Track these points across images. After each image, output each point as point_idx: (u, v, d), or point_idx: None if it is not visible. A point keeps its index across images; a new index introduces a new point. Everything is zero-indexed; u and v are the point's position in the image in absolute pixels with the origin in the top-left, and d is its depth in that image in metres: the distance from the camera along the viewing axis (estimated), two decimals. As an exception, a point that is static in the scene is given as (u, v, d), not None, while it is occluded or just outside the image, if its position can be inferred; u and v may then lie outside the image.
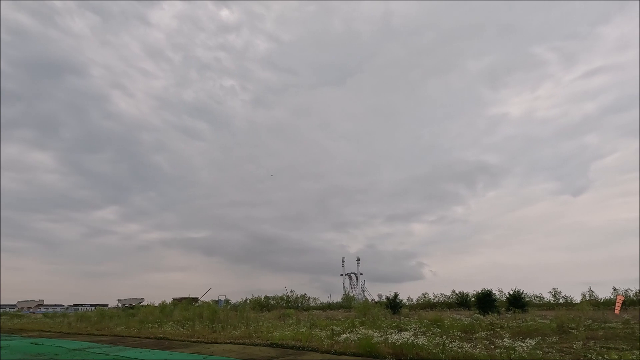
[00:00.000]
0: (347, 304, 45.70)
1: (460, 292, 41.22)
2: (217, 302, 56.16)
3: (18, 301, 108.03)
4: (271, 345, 15.25)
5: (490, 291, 31.16)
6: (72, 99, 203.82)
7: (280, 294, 50.80)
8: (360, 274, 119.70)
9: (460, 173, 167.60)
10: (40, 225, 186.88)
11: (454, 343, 12.26)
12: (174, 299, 55.00)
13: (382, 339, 13.46)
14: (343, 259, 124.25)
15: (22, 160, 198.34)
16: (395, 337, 13.22)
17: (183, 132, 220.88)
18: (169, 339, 19.29)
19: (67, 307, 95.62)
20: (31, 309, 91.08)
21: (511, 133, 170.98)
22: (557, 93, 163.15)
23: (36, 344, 19.12)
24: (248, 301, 49.05)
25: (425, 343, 12.15)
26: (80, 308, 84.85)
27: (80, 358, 13.33)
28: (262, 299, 49.03)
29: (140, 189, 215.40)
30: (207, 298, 68.58)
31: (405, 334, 13.47)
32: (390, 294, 36.36)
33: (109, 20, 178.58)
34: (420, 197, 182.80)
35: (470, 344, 12.20)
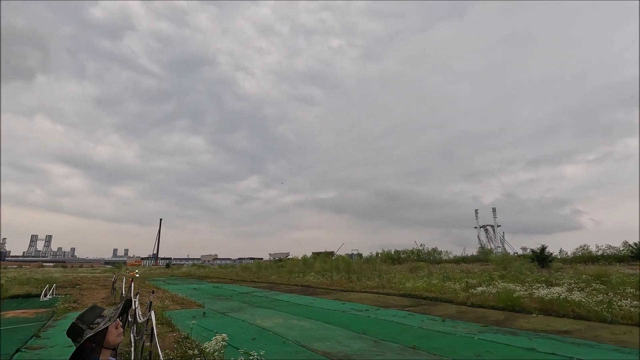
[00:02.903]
0: (483, 257, 42.79)
1: (635, 243, 33.73)
2: (350, 255, 60.45)
3: (201, 255, 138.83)
4: (404, 295, 15.77)
5: (682, 241, 24.50)
6: (209, 87, 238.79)
7: (410, 248, 51.11)
8: (498, 225, 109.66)
9: (634, 95, 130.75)
10: (205, 196, 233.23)
11: (624, 301, 10.33)
12: (313, 253, 61.62)
13: (526, 293, 12.35)
14: (476, 210, 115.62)
15: (184, 145, 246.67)
16: (543, 292, 11.94)
17: (300, 100, 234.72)
18: (313, 287, 21.98)
19: (234, 260, 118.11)
20: (210, 261, 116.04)
21: None
22: None
23: (216, 287, 24.53)
24: (379, 255, 51.07)
25: (584, 300, 10.61)
26: (242, 261, 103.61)
27: (248, 299, 16.51)
28: (393, 253, 50.27)
29: (273, 159, 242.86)
30: (342, 252, 74.42)
31: (557, 289, 12.00)
32: (536, 246, 32.45)
33: (224, 8, 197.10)
34: (573, 133, 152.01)
35: (649, 303, 10.07)
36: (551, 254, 30.06)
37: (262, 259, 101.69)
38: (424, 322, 9.87)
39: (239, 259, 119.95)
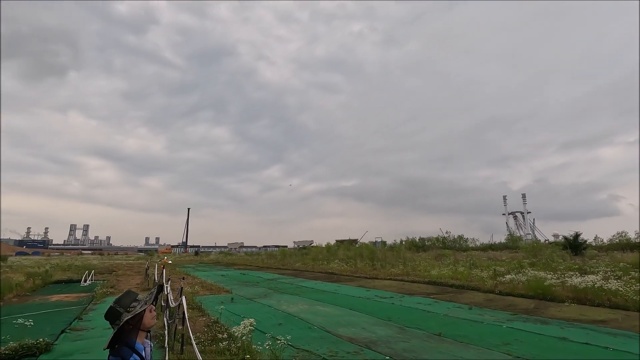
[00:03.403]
0: (512, 244, 41.56)
1: (679, 230, 31.68)
2: (374, 243, 60.34)
3: (228, 243, 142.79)
4: (429, 283, 15.64)
5: None
6: (231, 78, 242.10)
7: (435, 236, 50.37)
8: (528, 212, 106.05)
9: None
10: (230, 186, 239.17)
11: (666, 290, 9.79)
12: (337, 241, 61.96)
13: (558, 281, 11.94)
14: (504, 197, 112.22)
15: (208, 136, 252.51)
16: (576, 280, 11.50)
17: (321, 88, 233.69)
18: (337, 274, 22.17)
19: (259, 248, 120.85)
20: (236, 249, 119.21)
21: None
22: None
23: (243, 274, 25.22)
24: (403, 242, 50.66)
25: (621, 288, 10.14)
26: (268, 248, 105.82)
27: (274, 286, 16.89)
28: (417, 240, 49.73)
29: (295, 148, 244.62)
30: (365, 240, 74.40)
31: (591, 278, 11.52)
32: (569, 233, 31.13)
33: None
34: (611, 114, 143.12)
35: (694, 293, 9.50)
36: (585, 241, 28.79)
37: (286, 246, 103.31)
38: (450, 310, 9.78)
39: (264, 246, 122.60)
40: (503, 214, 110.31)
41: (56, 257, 65.37)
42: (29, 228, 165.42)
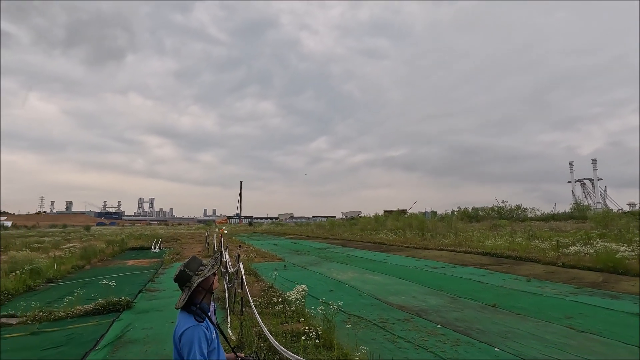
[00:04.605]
0: (578, 214, 38.21)
1: None
2: (424, 214, 59.05)
3: (278, 214, 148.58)
4: (483, 254, 15.10)
5: None
6: (275, 50, 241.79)
7: (489, 206, 47.93)
8: (599, 179, 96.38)
9: None
10: (278, 159, 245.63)
11: None
12: (385, 211, 61.54)
13: (633, 254, 10.89)
14: (571, 163, 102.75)
15: (255, 111, 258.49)
16: (655, 253, 10.40)
17: (366, 54, 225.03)
18: (386, 244, 22.23)
19: (309, 218, 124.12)
20: (287, 219, 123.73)
21: None
22: None
23: (294, 243, 26.26)
24: (455, 212, 48.92)
25: None
26: (316, 219, 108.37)
27: (324, 255, 17.41)
28: (470, 210, 47.76)
29: (341, 118, 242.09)
30: (414, 210, 73.05)
31: (674, 250, 10.35)
32: (648, 201, 27.86)
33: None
34: None
35: None
36: (669, 210, 25.63)
37: (334, 217, 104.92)
38: (505, 282, 9.42)
39: (313, 217, 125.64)
40: (569, 182, 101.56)
41: (129, 227, 72.97)
42: (105, 201, 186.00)
